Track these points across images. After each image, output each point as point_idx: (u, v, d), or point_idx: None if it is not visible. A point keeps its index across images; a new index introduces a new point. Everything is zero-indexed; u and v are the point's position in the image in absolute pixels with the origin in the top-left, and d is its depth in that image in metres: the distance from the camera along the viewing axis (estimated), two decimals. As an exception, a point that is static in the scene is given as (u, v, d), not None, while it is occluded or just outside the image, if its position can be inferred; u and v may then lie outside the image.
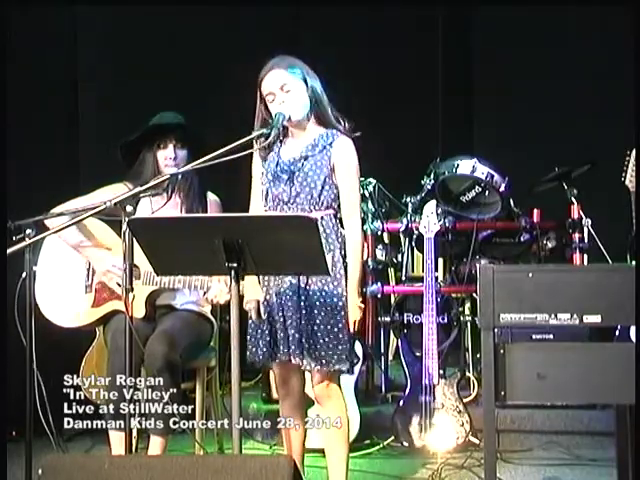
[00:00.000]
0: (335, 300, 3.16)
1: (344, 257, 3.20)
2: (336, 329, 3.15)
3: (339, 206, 3.23)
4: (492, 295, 2.63)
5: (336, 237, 3.19)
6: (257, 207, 3.31)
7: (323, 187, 3.18)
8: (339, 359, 3.16)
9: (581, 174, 4.77)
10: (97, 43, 5.14)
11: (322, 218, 3.17)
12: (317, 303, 3.16)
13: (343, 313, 3.16)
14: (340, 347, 3.15)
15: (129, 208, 2.91)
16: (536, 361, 2.65)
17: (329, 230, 3.19)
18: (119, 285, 3.67)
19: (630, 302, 2.58)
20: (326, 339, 3.15)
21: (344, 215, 3.22)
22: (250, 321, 3.26)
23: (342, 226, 3.25)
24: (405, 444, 4.28)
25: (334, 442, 3.30)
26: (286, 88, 3.17)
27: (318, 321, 3.15)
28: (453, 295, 4.75)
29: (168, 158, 3.72)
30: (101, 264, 3.72)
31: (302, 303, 3.16)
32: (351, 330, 3.16)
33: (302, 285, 3.17)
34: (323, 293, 3.16)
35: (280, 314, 3.19)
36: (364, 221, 4.83)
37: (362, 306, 3.20)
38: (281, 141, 3.28)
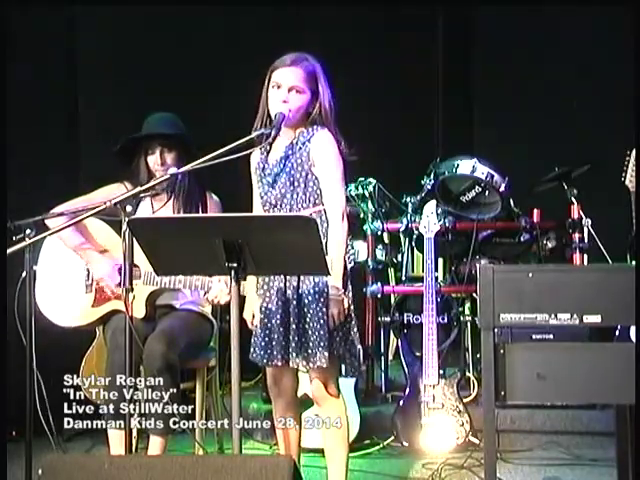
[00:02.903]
0: (322, 296, 3.12)
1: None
2: (325, 325, 3.10)
3: None
4: (492, 295, 2.63)
5: (325, 234, 3.14)
6: (257, 210, 3.31)
7: (306, 184, 3.16)
8: (329, 355, 3.11)
9: (581, 174, 4.76)
10: (97, 43, 5.14)
11: (310, 215, 3.12)
12: (306, 301, 3.14)
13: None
14: (326, 343, 3.10)
15: (129, 208, 2.91)
16: (536, 361, 2.65)
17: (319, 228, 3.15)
18: (118, 285, 3.68)
19: (630, 302, 2.58)
20: (317, 335, 3.11)
21: (326, 207, 3.16)
22: (254, 325, 3.27)
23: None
24: (405, 444, 4.28)
25: (334, 442, 3.30)
26: (295, 90, 3.15)
27: (308, 319, 3.14)
28: (453, 295, 4.75)
29: (156, 164, 3.74)
30: (97, 270, 3.74)
31: (292, 304, 3.15)
32: (330, 324, 3.10)
33: (292, 285, 3.16)
34: (312, 291, 3.13)
35: (276, 317, 3.18)
36: (364, 221, 4.84)
37: (340, 298, 3.11)
38: (270, 144, 3.22)
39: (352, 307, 3.22)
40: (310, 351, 3.13)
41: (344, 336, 3.18)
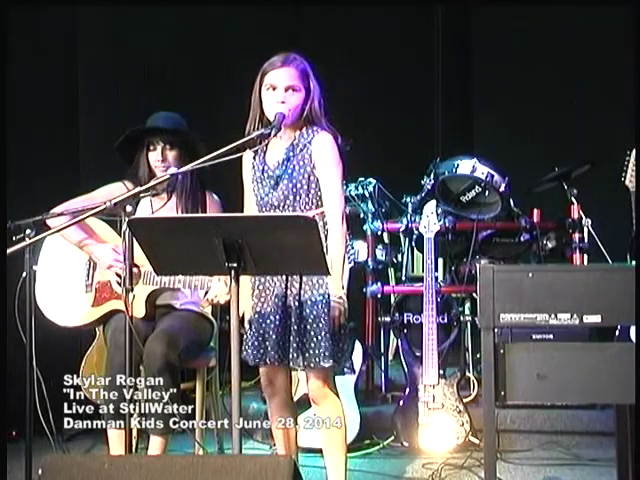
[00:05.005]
0: (323, 298, 3.13)
1: None
2: (327, 326, 3.11)
3: None
4: (492, 295, 2.64)
5: (326, 236, 3.15)
6: (250, 211, 3.29)
7: (309, 186, 3.18)
8: (330, 356, 3.12)
9: (581, 174, 4.77)
10: (97, 43, 5.14)
11: (313, 217, 3.15)
12: (308, 302, 3.15)
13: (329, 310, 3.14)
14: (328, 344, 3.11)
15: (129, 208, 2.91)
16: (536, 361, 2.65)
17: (320, 229, 3.17)
18: (119, 284, 3.67)
19: (630, 302, 2.58)
20: (319, 337, 3.12)
21: (326, 209, 3.18)
22: (247, 325, 3.27)
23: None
24: (405, 444, 4.28)
25: (332, 442, 3.30)
26: (292, 90, 3.16)
27: (310, 320, 3.14)
28: (453, 295, 4.75)
29: (157, 160, 3.74)
30: (105, 258, 3.72)
31: (292, 304, 3.16)
32: (330, 328, 3.11)
33: (291, 286, 3.17)
34: (313, 292, 3.14)
35: (274, 318, 3.18)
36: (364, 221, 4.84)
37: (341, 301, 3.13)
38: (266, 145, 3.23)
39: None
40: (312, 352, 3.13)
41: (341, 336, 3.19)
